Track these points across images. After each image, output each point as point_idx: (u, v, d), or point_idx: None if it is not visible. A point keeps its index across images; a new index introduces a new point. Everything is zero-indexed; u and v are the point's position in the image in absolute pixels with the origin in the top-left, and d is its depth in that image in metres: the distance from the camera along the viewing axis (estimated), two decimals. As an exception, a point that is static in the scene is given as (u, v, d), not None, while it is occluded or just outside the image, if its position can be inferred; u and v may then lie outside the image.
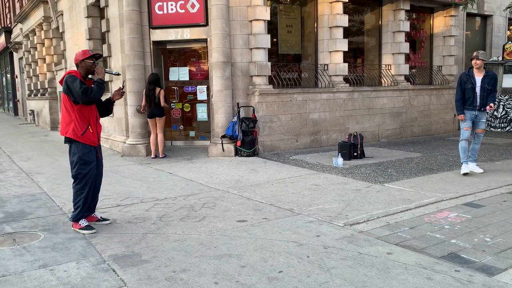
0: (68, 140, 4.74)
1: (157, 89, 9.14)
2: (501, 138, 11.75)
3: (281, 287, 3.29)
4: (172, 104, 10.35)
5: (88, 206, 4.84)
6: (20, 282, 3.48)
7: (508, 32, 16.21)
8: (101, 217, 5.02)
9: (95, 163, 4.81)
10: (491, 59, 14.69)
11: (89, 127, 4.72)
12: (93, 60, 4.78)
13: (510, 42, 14.54)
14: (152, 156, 9.39)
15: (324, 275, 3.47)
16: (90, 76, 4.86)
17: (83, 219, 4.77)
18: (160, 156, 9.41)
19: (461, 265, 3.64)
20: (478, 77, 7.12)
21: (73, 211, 4.78)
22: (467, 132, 7.23)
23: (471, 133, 7.27)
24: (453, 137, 12.33)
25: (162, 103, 9.13)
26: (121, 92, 5.02)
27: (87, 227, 4.72)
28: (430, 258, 3.79)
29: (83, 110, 4.69)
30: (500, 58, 14.19)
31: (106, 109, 5.06)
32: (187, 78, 10.30)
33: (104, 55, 11.41)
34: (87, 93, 4.52)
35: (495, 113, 13.65)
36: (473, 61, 7.13)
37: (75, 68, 4.88)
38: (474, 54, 7.16)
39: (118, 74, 5.46)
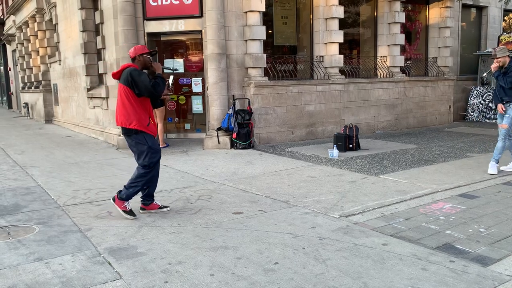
0: (133, 132, 4.76)
1: None
2: (496, 129, 11.74)
3: (277, 278, 3.30)
4: (169, 93, 10.27)
5: (149, 193, 5.05)
6: (15, 275, 3.46)
7: (503, 23, 16.21)
8: (162, 205, 5.18)
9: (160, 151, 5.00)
10: (486, 50, 14.70)
11: (150, 118, 4.86)
12: (150, 56, 4.88)
13: (505, 33, 14.55)
14: None
15: (320, 267, 3.48)
16: (145, 70, 4.90)
17: (129, 202, 4.88)
18: (161, 146, 9.41)
19: (455, 255, 3.66)
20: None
21: (128, 189, 4.84)
22: (503, 130, 6.60)
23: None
24: (448, 128, 12.37)
25: None
26: (167, 87, 5.13)
27: (131, 212, 4.86)
28: (425, 249, 3.81)
29: (145, 103, 4.83)
30: (495, 50, 14.19)
31: (155, 102, 5.09)
32: (182, 70, 10.23)
33: (98, 47, 11.35)
34: (156, 87, 4.64)
35: (490, 104, 13.70)
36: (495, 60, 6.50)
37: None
38: (493, 53, 6.52)
39: (176, 70, 5.52)
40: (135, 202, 5.15)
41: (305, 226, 4.46)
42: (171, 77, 5.64)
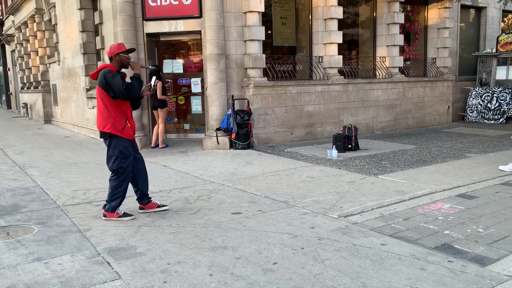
0: (108, 135, 4.69)
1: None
2: (494, 130, 11.82)
3: (276, 278, 3.31)
4: (169, 94, 10.27)
5: (142, 194, 5.02)
6: (15, 275, 3.47)
7: (502, 24, 16.24)
8: (160, 203, 5.17)
9: (133, 155, 4.85)
10: (485, 51, 14.73)
11: (127, 121, 4.75)
12: (128, 54, 4.78)
13: (504, 34, 14.57)
14: (152, 145, 9.50)
15: (319, 266, 3.49)
16: (123, 70, 4.83)
17: (119, 209, 4.85)
18: (160, 147, 9.46)
19: (454, 255, 3.67)
20: None
21: (110, 203, 4.79)
22: None
23: None
24: (447, 129, 12.39)
25: (159, 95, 9.14)
26: (149, 88, 5.06)
27: (126, 215, 4.84)
28: (423, 249, 3.81)
29: (122, 105, 4.71)
30: (494, 50, 14.23)
31: (135, 103, 5.01)
32: (181, 70, 10.24)
33: (97, 48, 11.35)
34: (129, 90, 4.53)
35: (489, 105, 13.72)
36: None
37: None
38: None
39: (155, 67, 5.35)
40: (134, 202, 5.16)
41: (304, 226, 4.46)
42: (154, 77, 5.59)
